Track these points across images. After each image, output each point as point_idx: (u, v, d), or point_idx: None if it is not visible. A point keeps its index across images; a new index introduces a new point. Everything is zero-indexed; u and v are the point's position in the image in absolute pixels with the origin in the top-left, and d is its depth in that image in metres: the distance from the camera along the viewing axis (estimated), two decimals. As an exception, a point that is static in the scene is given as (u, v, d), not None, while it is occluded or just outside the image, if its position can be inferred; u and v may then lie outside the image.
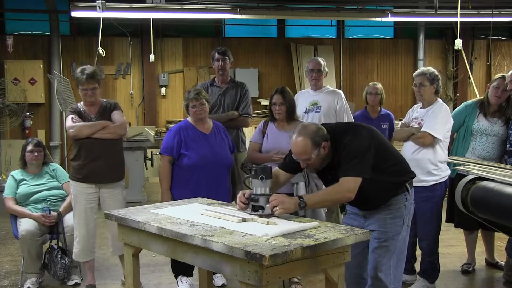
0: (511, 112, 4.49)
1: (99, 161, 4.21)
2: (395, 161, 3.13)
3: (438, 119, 4.09)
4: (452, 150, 4.67)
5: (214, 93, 4.99)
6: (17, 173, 4.77)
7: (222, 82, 5.04)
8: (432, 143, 4.06)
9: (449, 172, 4.23)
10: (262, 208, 2.92)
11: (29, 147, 4.73)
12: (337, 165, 2.99)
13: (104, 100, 4.42)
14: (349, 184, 2.90)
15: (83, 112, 4.30)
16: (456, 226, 4.73)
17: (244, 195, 3.03)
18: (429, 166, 4.08)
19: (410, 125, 4.30)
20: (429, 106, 4.21)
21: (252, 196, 2.96)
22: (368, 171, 2.92)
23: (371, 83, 5.58)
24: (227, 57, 4.99)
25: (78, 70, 4.28)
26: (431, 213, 4.17)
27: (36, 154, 4.72)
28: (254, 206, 2.94)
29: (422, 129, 4.10)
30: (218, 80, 5.06)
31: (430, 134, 4.05)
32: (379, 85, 5.52)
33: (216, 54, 5.01)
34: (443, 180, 4.16)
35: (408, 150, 4.16)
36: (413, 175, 3.22)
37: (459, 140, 4.64)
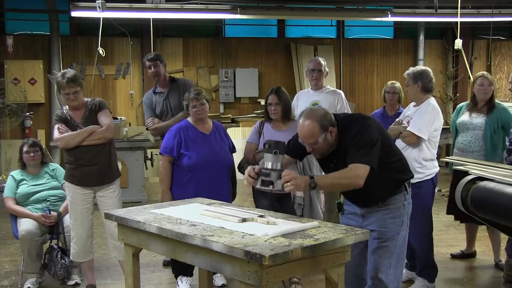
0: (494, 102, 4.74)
1: (91, 166, 4.18)
2: (397, 158, 3.15)
3: (423, 119, 4.13)
4: None
5: (159, 100, 4.98)
6: (17, 173, 4.76)
7: (162, 87, 5.01)
8: (416, 142, 4.11)
9: (436, 169, 4.25)
10: (272, 183, 2.83)
11: (25, 148, 4.71)
12: (341, 154, 2.97)
13: (89, 100, 4.32)
14: (359, 171, 2.84)
15: (69, 119, 4.22)
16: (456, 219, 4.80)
17: (254, 170, 2.93)
18: (414, 164, 4.09)
19: (403, 123, 4.34)
20: (420, 104, 4.25)
21: (263, 171, 2.86)
22: (376, 161, 2.89)
23: (389, 82, 5.63)
24: (158, 61, 4.96)
25: (59, 74, 4.19)
26: (418, 211, 4.15)
27: (32, 154, 4.70)
28: (264, 181, 2.85)
29: (407, 129, 4.16)
30: (158, 86, 5.04)
31: (414, 134, 4.09)
32: (397, 84, 5.58)
33: (147, 62, 5.00)
34: (428, 178, 4.19)
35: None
36: (411, 175, 3.23)
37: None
